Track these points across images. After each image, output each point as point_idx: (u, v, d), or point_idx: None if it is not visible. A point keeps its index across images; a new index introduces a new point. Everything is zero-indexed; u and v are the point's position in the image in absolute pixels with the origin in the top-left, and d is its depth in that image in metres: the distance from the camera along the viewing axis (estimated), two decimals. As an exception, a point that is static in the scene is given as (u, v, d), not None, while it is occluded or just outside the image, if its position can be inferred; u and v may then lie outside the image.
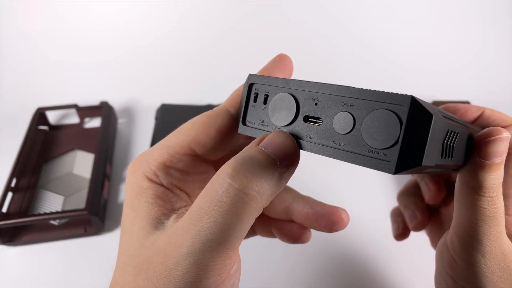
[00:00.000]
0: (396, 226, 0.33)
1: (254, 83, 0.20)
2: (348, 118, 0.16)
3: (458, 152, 0.19)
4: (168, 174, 0.20)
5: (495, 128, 0.19)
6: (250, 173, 0.16)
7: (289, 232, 0.26)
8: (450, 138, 0.17)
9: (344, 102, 0.16)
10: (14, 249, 0.44)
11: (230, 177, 0.16)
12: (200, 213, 0.16)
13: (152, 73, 0.73)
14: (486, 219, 0.20)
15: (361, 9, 0.73)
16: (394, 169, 0.14)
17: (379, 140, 0.15)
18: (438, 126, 0.15)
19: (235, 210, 0.15)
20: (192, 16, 0.73)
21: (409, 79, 0.74)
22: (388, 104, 0.15)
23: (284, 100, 0.18)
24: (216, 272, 0.16)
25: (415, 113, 0.14)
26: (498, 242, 0.21)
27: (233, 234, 0.16)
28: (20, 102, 0.67)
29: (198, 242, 0.16)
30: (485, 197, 0.20)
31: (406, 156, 0.14)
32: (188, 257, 0.16)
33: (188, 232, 0.16)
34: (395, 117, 0.14)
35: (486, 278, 0.21)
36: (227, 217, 0.15)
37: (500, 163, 0.19)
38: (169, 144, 0.20)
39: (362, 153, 0.16)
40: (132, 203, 0.20)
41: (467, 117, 0.25)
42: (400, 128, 0.14)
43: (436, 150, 0.15)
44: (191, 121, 0.20)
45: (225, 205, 0.15)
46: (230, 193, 0.15)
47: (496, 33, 0.74)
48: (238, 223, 0.16)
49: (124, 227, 0.19)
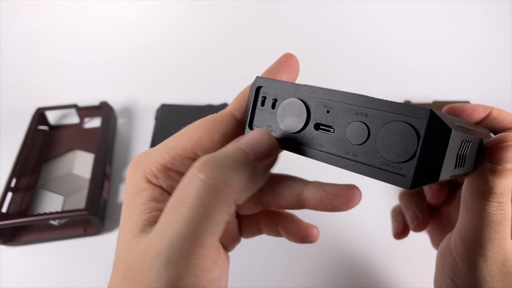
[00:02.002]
0: (396, 225, 0.33)
1: (261, 86, 0.19)
2: (362, 128, 0.15)
3: (469, 159, 0.18)
4: (169, 177, 0.19)
5: (509, 134, 0.19)
6: (217, 165, 0.15)
7: (296, 231, 0.25)
8: (464, 148, 0.16)
9: (358, 112, 0.16)
10: (14, 249, 0.44)
11: (197, 169, 0.15)
12: (169, 209, 0.16)
13: (152, 73, 0.73)
14: (492, 224, 0.20)
15: (363, 10, 0.73)
16: (410, 185, 0.14)
17: (395, 153, 0.14)
18: (455, 140, 0.14)
19: (200, 201, 0.15)
20: (193, 16, 0.73)
21: (409, 79, 0.74)
22: (405, 117, 0.14)
23: (294, 106, 0.17)
24: (191, 274, 0.15)
25: (433, 127, 0.13)
26: (501, 247, 0.21)
27: (201, 228, 0.15)
28: (20, 102, 0.67)
29: (167, 239, 0.15)
30: (493, 202, 0.20)
31: (423, 171, 0.14)
32: (159, 256, 0.15)
33: (159, 231, 0.16)
34: (413, 130, 0.14)
35: (486, 283, 0.21)
36: (193, 209, 0.15)
37: (511, 169, 0.19)
38: (171, 146, 0.19)
39: (376, 165, 0.15)
40: (129, 203, 0.19)
41: (474, 118, 0.25)
42: (417, 142, 0.14)
43: (452, 163, 0.15)
44: (195, 124, 0.20)
45: (191, 198, 0.15)
46: (195, 184, 0.15)
47: (496, 33, 0.74)
48: (205, 216, 0.15)
49: (120, 227, 0.19)
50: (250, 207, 0.25)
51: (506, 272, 0.21)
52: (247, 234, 0.26)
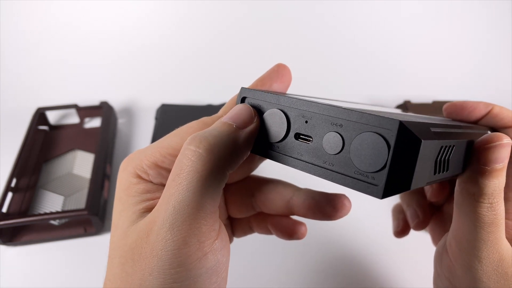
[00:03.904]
0: (397, 223, 0.33)
1: (246, 97, 0.19)
2: (338, 139, 0.16)
3: (455, 162, 0.18)
4: (159, 174, 0.20)
5: (496, 134, 0.19)
6: (204, 136, 0.17)
7: (284, 228, 0.26)
8: (444, 153, 0.17)
9: (333, 122, 0.16)
10: (14, 249, 0.44)
11: (188, 143, 0.17)
12: (168, 183, 0.17)
13: (152, 73, 0.73)
14: (484, 225, 0.20)
15: (362, 8, 0.73)
16: (381, 194, 0.14)
17: (367, 163, 0.15)
18: (428, 148, 0.14)
19: (194, 168, 0.16)
20: (193, 16, 0.73)
21: (410, 79, 0.74)
22: (376, 128, 0.14)
23: (276, 116, 0.18)
24: (194, 238, 0.16)
25: (403, 138, 0.14)
26: (496, 248, 0.20)
27: (200, 192, 0.16)
28: (20, 102, 0.67)
29: (170, 207, 0.16)
30: (484, 203, 0.20)
31: (393, 181, 0.14)
32: (164, 224, 0.16)
33: (161, 204, 0.17)
34: (383, 141, 0.14)
35: (482, 283, 0.21)
36: (189, 176, 0.16)
37: (501, 169, 0.19)
38: (163, 145, 0.20)
39: (351, 175, 0.15)
40: (121, 197, 0.20)
41: (474, 115, 0.25)
42: (388, 152, 0.14)
43: (427, 170, 0.15)
44: (187, 125, 0.21)
45: (186, 167, 0.16)
46: (188, 155, 0.16)
47: (496, 33, 0.74)
48: (201, 181, 0.16)
49: (113, 221, 0.20)
50: (242, 211, 0.26)
51: (502, 272, 0.21)
52: (239, 234, 0.28)
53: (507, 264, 0.21)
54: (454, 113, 0.26)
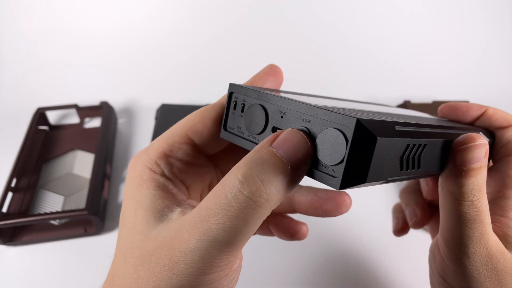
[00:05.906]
0: (396, 222, 0.34)
1: (233, 92, 0.21)
2: (306, 133, 0.17)
3: (428, 161, 0.19)
4: (169, 163, 0.20)
5: (471, 135, 0.20)
6: (259, 180, 0.16)
7: (286, 228, 0.26)
8: (412, 151, 0.18)
9: (303, 118, 0.17)
10: (14, 249, 0.44)
11: (240, 184, 0.16)
12: (208, 213, 0.16)
13: (152, 73, 0.73)
14: (467, 222, 0.20)
15: (362, 8, 0.73)
16: (339, 185, 0.15)
17: (329, 157, 0.16)
18: (386, 145, 0.16)
19: (243, 215, 0.16)
20: (193, 16, 0.73)
21: (410, 79, 0.74)
22: (337, 124, 0.15)
23: (257, 111, 0.19)
24: (220, 268, 0.17)
25: (359, 135, 0.15)
26: (482, 243, 0.21)
27: (239, 237, 0.16)
28: (20, 102, 0.67)
29: (205, 241, 0.16)
30: (464, 201, 0.20)
31: (350, 174, 0.15)
32: (194, 252, 0.16)
33: (195, 230, 0.16)
34: (342, 136, 0.15)
35: (473, 279, 0.21)
36: (235, 221, 0.16)
37: (478, 168, 0.20)
38: (168, 135, 0.21)
39: (317, 168, 0.16)
40: (134, 195, 0.20)
41: (469, 116, 0.25)
42: (346, 147, 0.15)
43: (389, 166, 0.17)
44: (188, 115, 0.22)
45: (233, 210, 0.16)
46: (239, 199, 0.16)
47: (496, 33, 0.74)
48: (245, 227, 0.16)
49: (126, 220, 0.19)
50: None
51: (492, 267, 0.21)
52: None
53: (496, 259, 0.21)
54: (448, 114, 0.26)
